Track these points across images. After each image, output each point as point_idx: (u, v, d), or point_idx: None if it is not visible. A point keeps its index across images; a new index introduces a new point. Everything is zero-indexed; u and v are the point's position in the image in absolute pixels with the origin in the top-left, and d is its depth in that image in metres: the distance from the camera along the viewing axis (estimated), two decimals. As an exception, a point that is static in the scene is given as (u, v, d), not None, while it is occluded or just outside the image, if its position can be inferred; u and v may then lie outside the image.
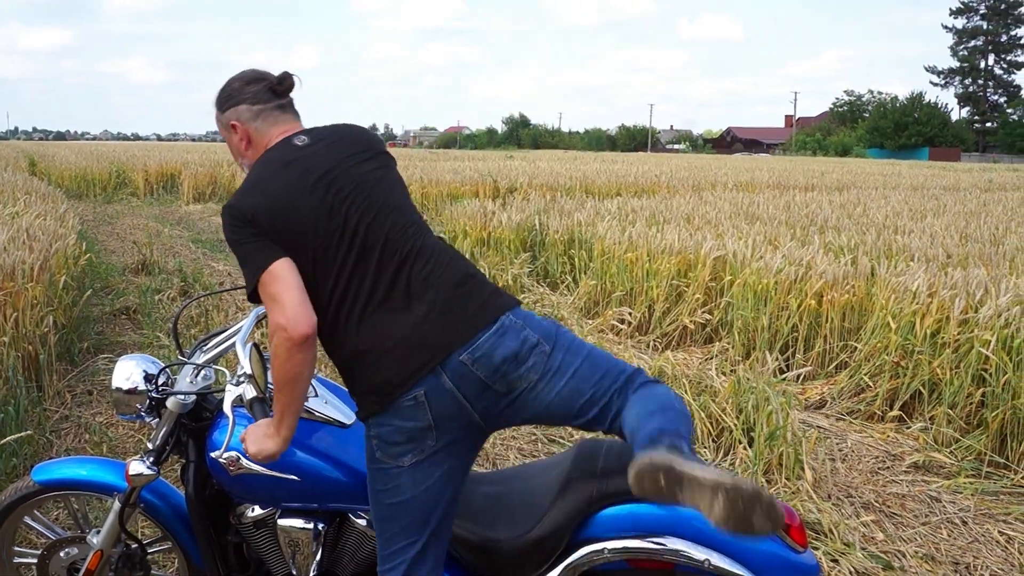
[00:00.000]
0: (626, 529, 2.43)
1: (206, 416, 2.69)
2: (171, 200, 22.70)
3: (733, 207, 12.44)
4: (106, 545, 2.81)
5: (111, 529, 2.78)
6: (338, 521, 2.68)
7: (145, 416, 2.70)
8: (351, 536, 2.68)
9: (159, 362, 2.74)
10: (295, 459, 2.52)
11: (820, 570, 2.47)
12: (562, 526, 2.46)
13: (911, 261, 7.50)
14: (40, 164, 27.67)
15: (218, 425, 2.61)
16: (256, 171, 2.39)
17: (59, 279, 6.87)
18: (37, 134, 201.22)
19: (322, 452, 2.56)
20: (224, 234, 2.33)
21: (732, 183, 20.23)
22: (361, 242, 2.29)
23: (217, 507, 2.72)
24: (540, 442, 5.31)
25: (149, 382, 2.66)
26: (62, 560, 2.99)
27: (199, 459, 2.65)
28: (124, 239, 14.21)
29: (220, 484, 2.62)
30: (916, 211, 12.68)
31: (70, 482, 2.89)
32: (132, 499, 2.72)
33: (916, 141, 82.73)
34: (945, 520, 4.45)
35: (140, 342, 7.17)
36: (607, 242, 8.87)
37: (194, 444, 2.67)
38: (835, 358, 6.56)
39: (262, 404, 2.30)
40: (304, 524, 2.61)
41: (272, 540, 2.68)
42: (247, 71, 2.52)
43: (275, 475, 2.51)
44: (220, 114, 2.50)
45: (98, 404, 5.73)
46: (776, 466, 4.66)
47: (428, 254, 2.37)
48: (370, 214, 2.33)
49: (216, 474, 2.59)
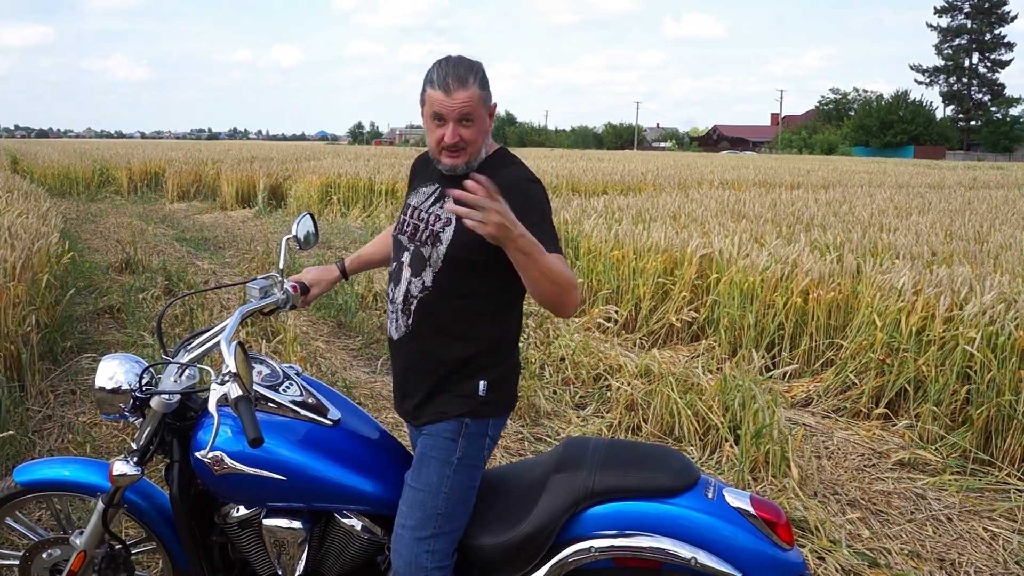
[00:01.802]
0: (613, 527, 2.43)
1: (190, 416, 2.66)
2: (155, 198, 22.60)
3: (719, 205, 12.46)
4: (89, 546, 2.78)
5: (94, 530, 2.76)
6: (324, 521, 2.66)
7: (129, 416, 2.65)
8: (337, 536, 2.66)
9: (143, 361, 2.69)
10: (280, 458, 2.50)
11: (807, 567, 2.46)
12: (549, 524, 2.45)
13: (896, 259, 7.52)
14: (22, 162, 27.52)
15: (203, 425, 2.58)
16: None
17: (42, 278, 6.81)
18: (19, 132, 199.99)
19: (309, 451, 2.54)
20: (540, 205, 2.46)
21: (718, 181, 20.28)
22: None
23: (202, 507, 2.69)
24: (527, 440, 5.30)
25: (133, 382, 2.61)
26: (44, 561, 2.95)
27: (183, 459, 2.62)
28: (108, 237, 14.11)
29: (205, 484, 2.60)
30: (901, 209, 12.74)
31: (53, 483, 2.85)
32: (116, 499, 2.69)
33: (901, 139, 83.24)
34: (930, 517, 4.46)
35: (124, 341, 7.12)
36: (593, 240, 8.87)
37: (178, 444, 2.64)
38: (821, 356, 6.58)
39: (248, 403, 2.24)
40: (290, 524, 2.59)
41: (257, 540, 2.66)
42: (468, 58, 2.53)
43: (261, 474, 2.49)
44: (486, 92, 2.49)
45: (81, 404, 5.68)
46: (762, 464, 4.67)
47: None
48: None
49: (201, 474, 2.56)
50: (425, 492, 2.48)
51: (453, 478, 2.50)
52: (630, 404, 5.60)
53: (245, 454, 2.48)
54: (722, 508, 2.43)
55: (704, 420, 5.20)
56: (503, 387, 2.57)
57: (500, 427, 2.64)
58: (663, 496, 2.44)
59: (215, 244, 13.94)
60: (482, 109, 2.45)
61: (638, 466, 2.52)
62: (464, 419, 2.51)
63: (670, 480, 2.46)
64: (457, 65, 2.43)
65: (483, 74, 2.47)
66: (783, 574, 2.40)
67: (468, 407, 2.51)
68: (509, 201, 2.16)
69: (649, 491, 2.44)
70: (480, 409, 2.52)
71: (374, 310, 8.28)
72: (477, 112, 2.43)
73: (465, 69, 2.43)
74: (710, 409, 5.22)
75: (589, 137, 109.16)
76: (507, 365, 2.58)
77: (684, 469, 2.50)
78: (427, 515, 2.47)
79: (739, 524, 2.41)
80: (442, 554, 2.48)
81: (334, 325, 8.15)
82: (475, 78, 2.43)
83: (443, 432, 2.52)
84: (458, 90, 2.40)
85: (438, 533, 2.47)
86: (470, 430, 2.52)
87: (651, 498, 2.44)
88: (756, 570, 2.37)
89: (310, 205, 18.53)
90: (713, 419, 5.14)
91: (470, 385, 2.51)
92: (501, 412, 2.60)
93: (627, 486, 2.45)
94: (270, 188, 20.46)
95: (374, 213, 17.33)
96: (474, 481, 2.55)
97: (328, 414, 2.63)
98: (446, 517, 2.49)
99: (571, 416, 5.66)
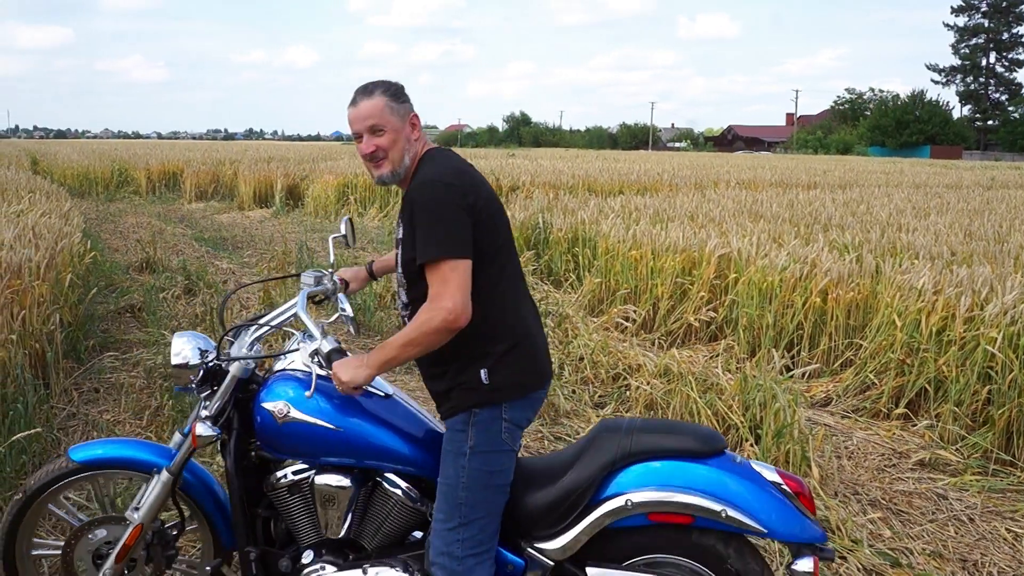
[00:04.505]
0: (647, 485, 2.59)
1: (251, 388, 2.88)
2: (173, 198, 22.74)
3: (736, 205, 12.45)
4: (147, 519, 2.93)
5: (155, 501, 2.92)
6: (370, 486, 2.83)
7: (196, 389, 2.89)
8: (381, 500, 2.82)
9: (210, 340, 2.96)
10: (338, 412, 2.74)
11: (827, 540, 2.60)
12: (588, 479, 2.63)
13: (916, 259, 7.50)
14: (42, 162, 27.73)
15: (268, 387, 2.81)
16: (453, 162, 2.65)
17: (65, 277, 6.87)
18: (38, 132, 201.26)
19: (363, 412, 2.78)
20: (421, 204, 2.52)
21: (735, 181, 20.21)
22: (514, 256, 2.76)
23: (252, 480, 2.89)
24: (546, 439, 5.32)
25: (199, 356, 2.87)
26: (89, 544, 3.05)
27: (241, 429, 2.86)
28: (127, 237, 14.21)
29: (264, 438, 2.80)
30: (919, 209, 12.68)
31: (108, 460, 3.00)
32: (183, 468, 2.91)
33: (917, 139, 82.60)
34: (952, 517, 4.45)
35: (145, 340, 7.17)
36: (611, 240, 8.88)
37: (238, 415, 2.87)
38: (840, 356, 6.57)
39: (340, 353, 2.65)
40: (339, 481, 2.78)
41: (304, 504, 2.83)
42: (383, 80, 2.73)
43: (320, 423, 2.72)
44: (398, 104, 2.66)
45: (105, 402, 5.74)
46: (783, 463, 4.66)
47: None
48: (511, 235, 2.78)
49: (263, 427, 2.77)
50: (446, 485, 2.63)
51: (468, 467, 2.60)
52: (649, 403, 5.61)
53: (308, 405, 2.73)
54: (749, 471, 2.62)
55: (724, 419, 5.20)
56: (507, 371, 2.63)
57: (521, 410, 2.69)
58: (694, 458, 2.61)
59: (233, 244, 14.02)
60: (392, 118, 2.63)
61: (671, 432, 2.72)
62: (473, 409, 2.62)
63: (701, 444, 2.65)
64: (368, 83, 2.69)
65: (395, 88, 2.68)
66: (805, 535, 2.54)
67: (475, 397, 2.62)
68: (406, 213, 2.55)
69: (682, 452, 2.62)
70: (488, 396, 2.61)
71: (392, 310, 8.31)
72: (385, 120, 2.63)
73: (373, 84, 2.68)
74: (730, 408, 5.22)
75: (604, 137, 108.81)
76: (505, 349, 2.63)
77: (713, 437, 2.70)
78: (451, 506, 2.61)
79: (764, 486, 2.58)
80: (473, 542, 2.60)
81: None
82: (382, 90, 2.65)
83: (455, 424, 2.65)
84: (362, 100, 2.64)
85: (465, 522, 2.60)
86: (479, 418, 2.61)
87: (683, 459, 2.61)
88: (780, 527, 2.53)
89: (327, 205, 18.62)
90: (733, 418, 5.15)
91: (471, 375, 2.62)
92: (515, 395, 2.65)
93: (662, 446, 2.64)
94: (287, 188, 20.57)
95: (391, 213, 17.38)
96: (494, 466, 2.63)
97: (381, 387, 2.88)
98: (470, 506, 2.60)
99: (590, 415, 5.67)
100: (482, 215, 2.55)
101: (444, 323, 2.45)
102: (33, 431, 4.52)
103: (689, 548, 2.63)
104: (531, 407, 2.74)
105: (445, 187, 2.51)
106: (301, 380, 2.79)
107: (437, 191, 2.51)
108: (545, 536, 2.69)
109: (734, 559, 2.60)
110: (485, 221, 2.56)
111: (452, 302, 2.44)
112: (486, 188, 2.65)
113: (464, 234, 2.48)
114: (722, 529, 2.57)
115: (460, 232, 2.48)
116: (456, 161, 2.67)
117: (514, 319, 2.68)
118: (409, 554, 2.82)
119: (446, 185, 2.51)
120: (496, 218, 2.64)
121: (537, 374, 2.74)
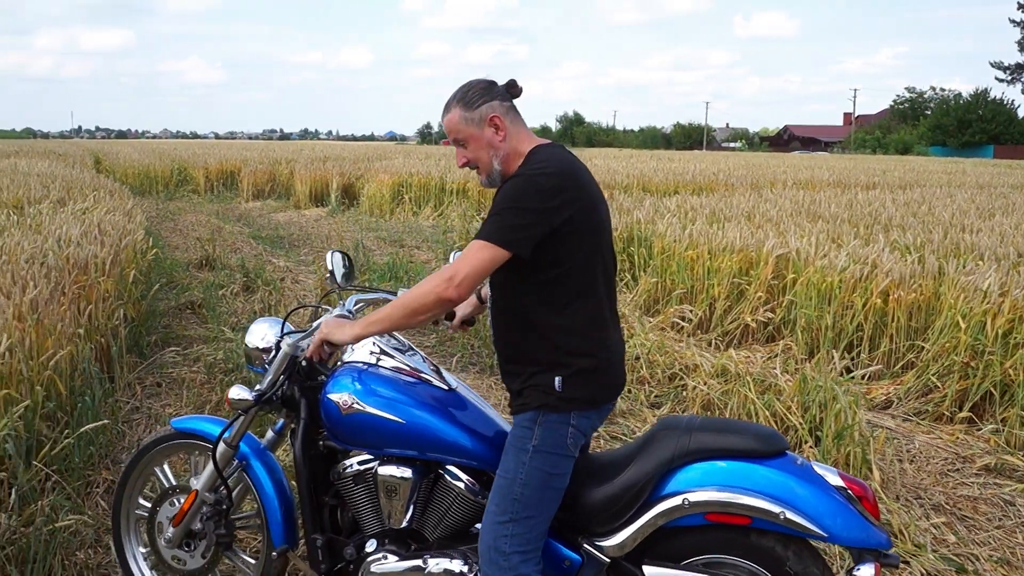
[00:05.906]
0: (706, 485, 2.55)
1: (320, 379, 2.96)
2: (231, 197, 23.10)
3: (794, 205, 12.28)
4: (202, 487, 3.14)
5: (211, 472, 3.10)
6: (432, 478, 2.87)
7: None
8: (444, 495, 2.85)
9: (288, 324, 3.13)
10: (402, 404, 2.81)
11: (891, 545, 2.50)
12: (646, 475, 2.60)
13: (980, 260, 7.33)
14: (104, 162, 28.34)
15: (335, 378, 2.88)
16: (554, 161, 2.54)
17: (128, 273, 7.02)
18: (100, 132, 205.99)
19: (426, 404, 2.83)
20: (502, 194, 2.49)
21: (791, 181, 19.94)
22: (610, 261, 2.71)
23: (320, 469, 2.98)
24: (602, 439, 5.30)
25: (273, 338, 3.07)
26: (168, 510, 3.29)
27: (309, 418, 2.94)
28: (187, 235, 14.47)
29: (329, 428, 2.88)
30: (983, 210, 12.38)
31: (200, 432, 3.23)
32: (230, 439, 3.05)
33: (980, 139, 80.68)
34: (1020, 524, 4.35)
35: (205, 336, 7.30)
36: (667, 240, 8.81)
37: (306, 404, 2.96)
38: (902, 358, 6.45)
39: (343, 319, 2.80)
40: (402, 472, 2.83)
41: (368, 493, 2.90)
42: (472, 80, 2.68)
43: (383, 415, 2.79)
44: (471, 112, 2.60)
45: (167, 396, 5.85)
46: (843, 466, 4.59)
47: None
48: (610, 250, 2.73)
49: (329, 416, 2.85)
50: (504, 478, 2.63)
51: (529, 465, 2.60)
52: (706, 403, 5.56)
53: (372, 396, 2.80)
54: (810, 474, 2.54)
55: (782, 420, 5.14)
56: (582, 385, 2.61)
57: (589, 419, 2.68)
58: (755, 459, 2.55)
59: (290, 242, 14.20)
60: (469, 128, 2.60)
61: (731, 431, 2.65)
62: (541, 410, 2.61)
63: (761, 445, 2.59)
64: (452, 93, 2.65)
65: (468, 94, 2.62)
66: (870, 542, 2.45)
67: (545, 400, 2.60)
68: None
69: (741, 452, 2.57)
70: (558, 404, 2.59)
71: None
72: (463, 132, 2.62)
73: (452, 95, 2.64)
74: (788, 410, 5.16)
75: (658, 137, 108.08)
76: (584, 365, 2.60)
77: (774, 437, 2.64)
78: (506, 500, 2.61)
79: (827, 489, 2.50)
80: (521, 540, 2.59)
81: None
82: (456, 100, 2.62)
83: (522, 421, 2.64)
84: (444, 116, 2.64)
85: (516, 518, 2.59)
86: (547, 420, 2.60)
87: (743, 459, 2.56)
88: (841, 533, 2.45)
89: (382, 204, 18.78)
90: (792, 420, 5.08)
91: (545, 379, 2.60)
92: (584, 407, 2.63)
93: (721, 446, 2.59)
94: (342, 187, 20.79)
95: (445, 212, 17.47)
96: (555, 469, 2.61)
97: (445, 381, 2.95)
98: (523, 503, 2.59)
99: (646, 415, 5.64)
100: (567, 225, 2.47)
101: (435, 291, 2.46)
102: (102, 423, 4.61)
103: (747, 549, 2.58)
104: (599, 417, 2.74)
105: (532, 184, 2.46)
106: (366, 372, 2.88)
107: (521, 185, 2.47)
108: (602, 532, 2.68)
109: (793, 562, 2.54)
110: (569, 231, 2.48)
111: (453, 272, 2.43)
112: (587, 197, 2.57)
113: (521, 231, 2.42)
114: (781, 531, 2.52)
115: (517, 226, 2.42)
116: (558, 162, 2.55)
117: (598, 336, 2.64)
118: (469, 546, 2.83)
119: (535, 183, 2.46)
120: (585, 231, 2.53)
121: (611, 388, 2.73)
